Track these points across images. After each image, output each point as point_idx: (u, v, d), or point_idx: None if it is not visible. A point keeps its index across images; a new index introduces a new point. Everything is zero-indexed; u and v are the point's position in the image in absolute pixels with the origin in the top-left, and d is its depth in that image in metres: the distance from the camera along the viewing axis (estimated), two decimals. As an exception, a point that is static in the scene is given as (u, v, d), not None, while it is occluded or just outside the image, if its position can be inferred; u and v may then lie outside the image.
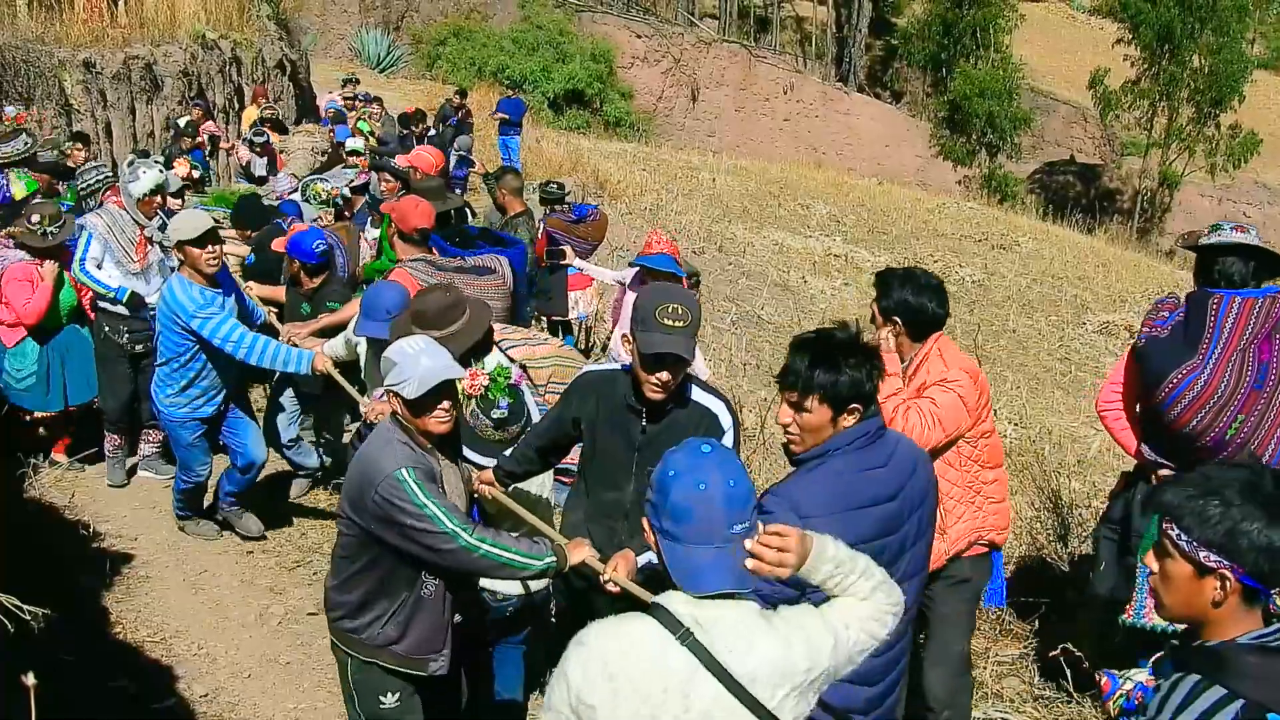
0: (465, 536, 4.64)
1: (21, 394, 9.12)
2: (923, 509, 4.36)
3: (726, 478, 3.18)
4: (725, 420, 5.13)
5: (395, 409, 4.87)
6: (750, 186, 31.30)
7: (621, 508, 5.26)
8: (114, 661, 6.78)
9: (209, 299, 7.73)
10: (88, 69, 17.40)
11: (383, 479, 4.65)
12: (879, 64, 61.80)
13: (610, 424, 5.21)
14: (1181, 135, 49.95)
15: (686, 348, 4.85)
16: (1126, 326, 22.02)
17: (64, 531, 8.28)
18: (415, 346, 4.85)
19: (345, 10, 46.48)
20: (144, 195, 8.94)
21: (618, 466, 5.24)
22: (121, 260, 9.02)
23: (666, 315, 4.81)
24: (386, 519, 4.65)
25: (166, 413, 8.12)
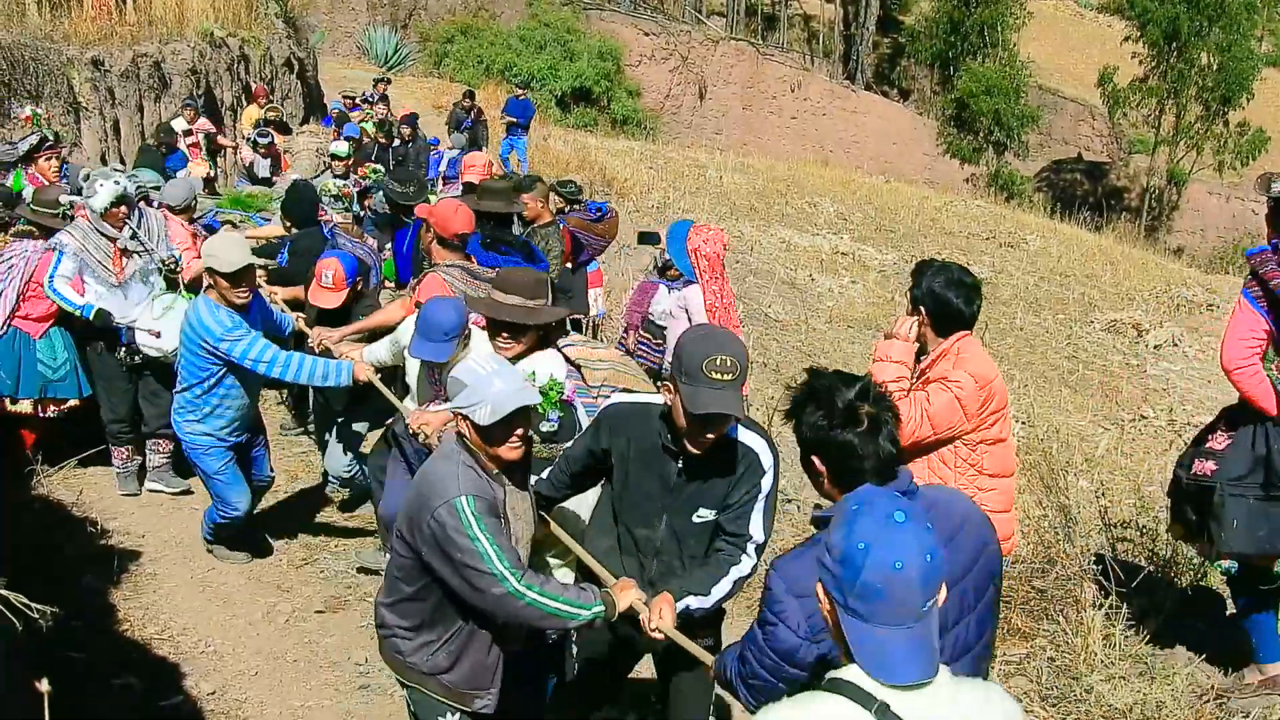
0: (513, 581, 4.40)
1: (59, 384, 8.96)
2: (967, 581, 3.75)
3: (924, 551, 2.84)
4: (766, 459, 4.81)
5: (463, 432, 4.59)
6: (757, 184, 31.29)
7: (652, 545, 5.00)
8: (121, 659, 6.79)
9: (237, 322, 7.41)
10: (96, 67, 17.41)
11: (441, 503, 4.42)
12: (886, 62, 61.77)
13: (643, 462, 4.90)
14: (1189, 133, 49.89)
15: (736, 404, 4.54)
16: (1134, 324, 22.02)
17: (71, 529, 8.28)
18: (487, 366, 4.58)
19: (353, 8, 46.53)
20: (106, 209, 8.67)
21: (650, 505, 4.94)
22: (101, 275, 8.76)
23: (715, 369, 4.45)
24: (437, 546, 4.44)
25: (190, 440, 7.75)
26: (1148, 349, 21.05)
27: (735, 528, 4.83)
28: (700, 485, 4.79)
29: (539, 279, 5.99)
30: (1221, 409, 6.57)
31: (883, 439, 3.58)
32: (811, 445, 3.69)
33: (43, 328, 8.87)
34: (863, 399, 3.62)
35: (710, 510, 4.83)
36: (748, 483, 4.78)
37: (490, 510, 4.49)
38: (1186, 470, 6.37)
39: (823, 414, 3.63)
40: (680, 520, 4.88)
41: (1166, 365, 20.07)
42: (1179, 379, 19.26)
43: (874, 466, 3.57)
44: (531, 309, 5.84)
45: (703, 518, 4.85)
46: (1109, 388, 17.92)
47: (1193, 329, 22.81)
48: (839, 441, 3.61)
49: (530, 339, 5.92)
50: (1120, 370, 19.53)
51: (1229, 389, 6.25)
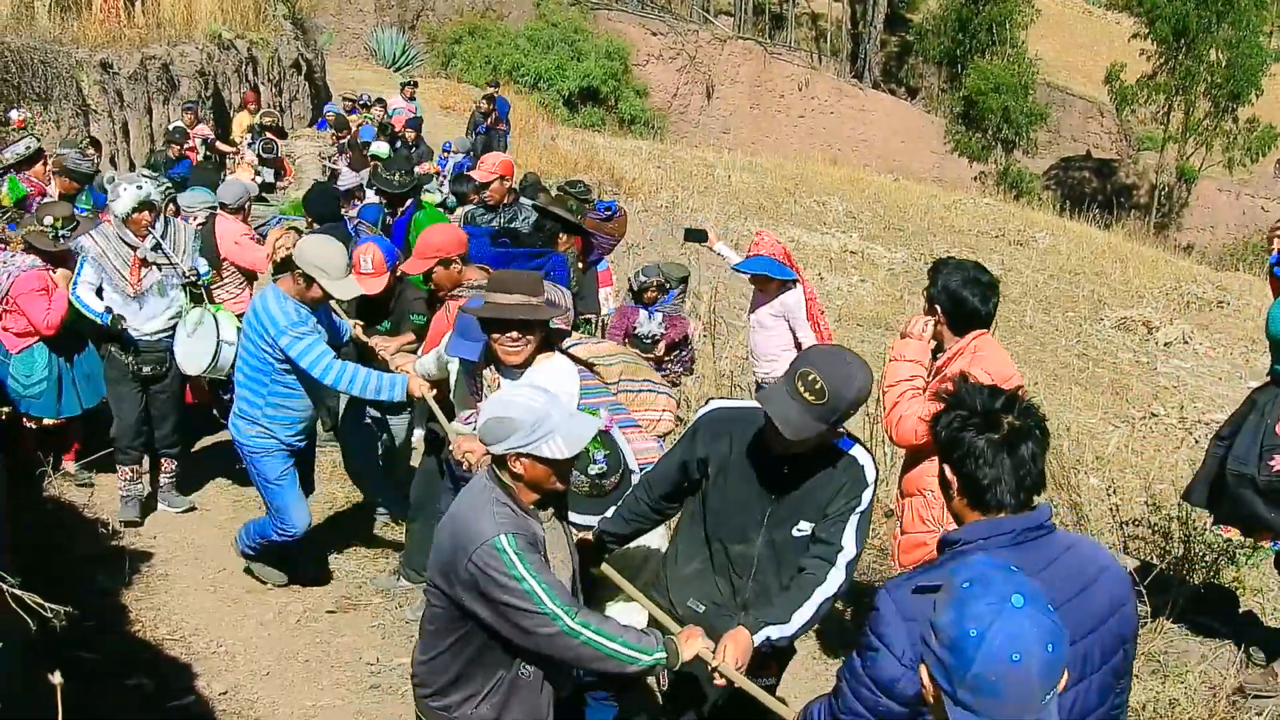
0: (567, 620, 4.10)
1: (31, 401, 8.64)
2: (1093, 640, 3.28)
3: (1045, 642, 2.54)
4: (870, 474, 4.60)
5: (518, 472, 4.24)
6: (766, 183, 31.29)
7: (749, 563, 4.73)
8: (133, 659, 6.79)
9: (304, 317, 7.10)
10: (105, 69, 17.44)
11: (479, 545, 4.13)
12: (894, 60, 61.83)
13: (744, 469, 4.64)
14: (1198, 129, 49.86)
15: (801, 423, 4.29)
16: (1144, 322, 22.01)
17: (83, 530, 8.29)
18: (539, 398, 4.26)
19: (361, 9, 46.54)
20: (128, 214, 8.20)
21: (748, 518, 4.68)
22: (118, 283, 8.32)
23: (803, 383, 4.27)
24: (480, 592, 4.13)
25: (250, 444, 7.38)
26: (1158, 346, 21.04)
27: (828, 535, 4.57)
28: (802, 496, 4.59)
29: (534, 276, 5.82)
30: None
31: (1023, 453, 3.26)
32: (943, 449, 3.40)
33: (21, 344, 8.59)
34: (1007, 409, 3.32)
35: (809, 523, 4.60)
36: (849, 494, 4.56)
37: (532, 547, 4.21)
38: (1258, 468, 6.31)
39: (960, 415, 3.35)
40: (780, 533, 4.65)
41: (1177, 363, 20.06)
42: (1189, 376, 19.24)
43: (1007, 483, 3.26)
44: (535, 305, 5.65)
45: (802, 531, 4.62)
46: (1119, 385, 17.92)
47: (1203, 326, 22.79)
48: (969, 446, 3.30)
49: (536, 339, 5.71)
50: (1130, 368, 19.52)
51: (1240, 386, 6.25)
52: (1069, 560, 3.27)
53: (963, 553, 3.23)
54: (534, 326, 5.67)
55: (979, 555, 2.83)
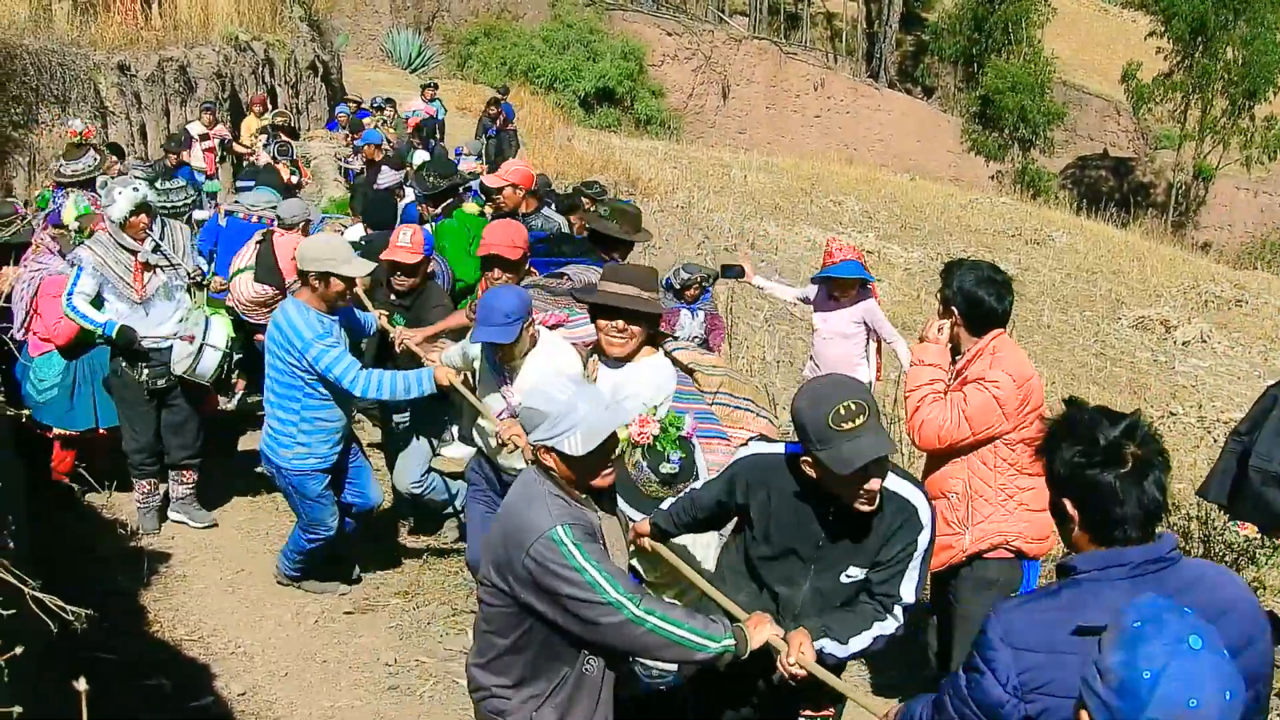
0: (632, 608, 4.01)
1: (41, 406, 8.39)
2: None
3: (1223, 688, 2.42)
4: (925, 514, 4.40)
5: (549, 465, 4.21)
6: (782, 183, 31.25)
7: (792, 607, 4.58)
8: (152, 660, 6.80)
9: (328, 328, 7.00)
10: (122, 72, 17.52)
11: (536, 539, 4.04)
12: (910, 59, 61.73)
13: (788, 517, 4.48)
14: (1215, 128, 49.69)
15: (883, 443, 4.12)
16: (1162, 321, 21.92)
17: (102, 531, 8.31)
18: (566, 390, 4.21)
19: (376, 11, 46.62)
20: (125, 218, 8.06)
21: (793, 565, 4.54)
22: (121, 291, 8.15)
23: (843, 419, 4.06)
24: (540, 586, 4.05)
25: (289, 465, 7.23)
26: (1176, 345, 20.96)
27: (885, 588, 4.43)
28: (851, 542, 4.41)
29: (650, 271, 5.79)
30: None
31: (1149, 484, 3.13)
32: (1064, 485, 3.25)
33: (43, 348, 8.43)
34: (1129, 437, 3.16)
35: (860, 569, 4.44)
36: (904, 539, 4.37)
37: (590, 537, 4.13)
38: None
39: (1081, 450, 3.18)
40: (827, 580, 4.50)
41: (1195, 362, 19.99)
42: (1208, 375, 19.18)
43: (1136, 517, 3.14)
44: (646, 298, 5.58)
45: (851, 577, 4.46)
46: (1137, 384, 17.86)
47: (1221, 325, 22.71)
48: (1098, 483, 3.15)
49: (643, 334, 5.63)
50: (1148, 367, 19.46)
51: (1259, 385, 6.25)
52: (1193, 594, 3.06)
53: (1079, 582, 3.16)
54: (641, 319, 5.60)
55: (1150, 596, 2.69)
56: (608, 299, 5.56)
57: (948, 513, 5.68)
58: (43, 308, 8.35)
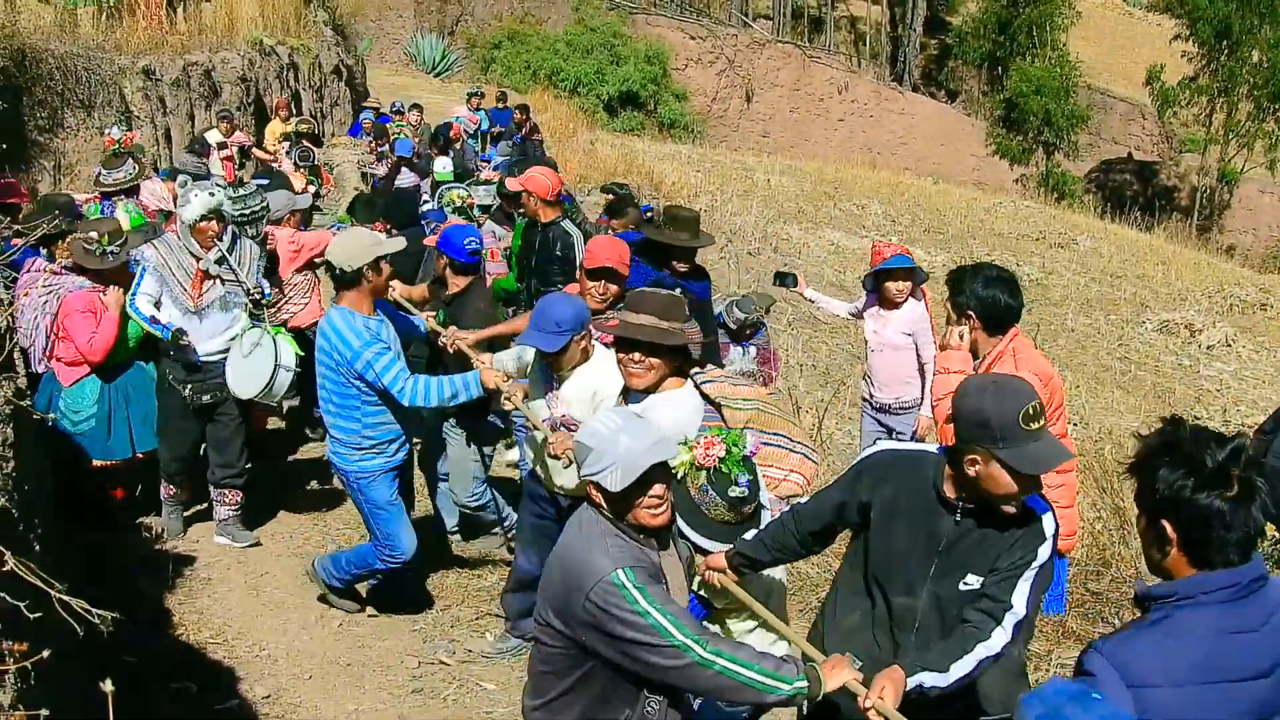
0: (699, 650, 3.89)
1: (79, 439, 7.99)
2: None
3: None
4: (1049, 525, 4.26)
5: (598, 500, 4.12)
6: (805, 187, 31.22)
7: (912, 617, 4.43)
8: (177, 663, 6.83)
9: (375, 331, 6.83)
10: (147, 76, 17.59)
11: (595, 582, 3.94)
12: (934, 63, 61.60)
13: (911, 518, 4.36)
14: (1240, 131, 49.42)
15: (1064, 446, 4.14)
16: (1187, 325, 21.84)
17: (126, 534, 8.33)
18: (611, 424, 4.11)
19: (400, 15, 46.75)
20: (195, 221, 7.83)
21: (913, 568, 4.39)
22: (178, 296, 7.94)
23: (1031, 418, 3.98)
24: (602, 630, 3.94)
25: (357, 470, 7.06)
26: (1200, 349, 20.88)
27: (995, 592, 4.25)
28: (973, 547, 4.29)
29: (674, 299, 5.54)
30: None
31: (1255, 509, 3.09)
32: (1165, 507, 3.16)
33: (74, 374, 8.00)
34: (1234, 461, 3.10)
35: (978, 577, 4.30)
36: (1024, 548, 4.23)
37: (653, 578, 4.03)
38: None
39: (1185, 473, 3.11)
40: (946, 587, 4.35)
41: (1220, 366, 19.91)
42: (1232, 380, 19.11)
43: (1240, 541, 3.10)
44: (665, 329, 5.35)
45: (969, 585, 4.30)
46: (1161, 389, 17.81)
47: (1246, 329, 22.62)
48: (1206, 507, 3.09)
49: (665, 365, 5.45)
50: (1173, 371, 19.40)
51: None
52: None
53: (1180, 606, 3.11)
54: (660, 351, 5.40)
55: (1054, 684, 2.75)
56: (626, 330, 5.40)
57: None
58: (70, 327, 7.87)
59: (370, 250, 6.84)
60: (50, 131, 14.70)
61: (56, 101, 14.97)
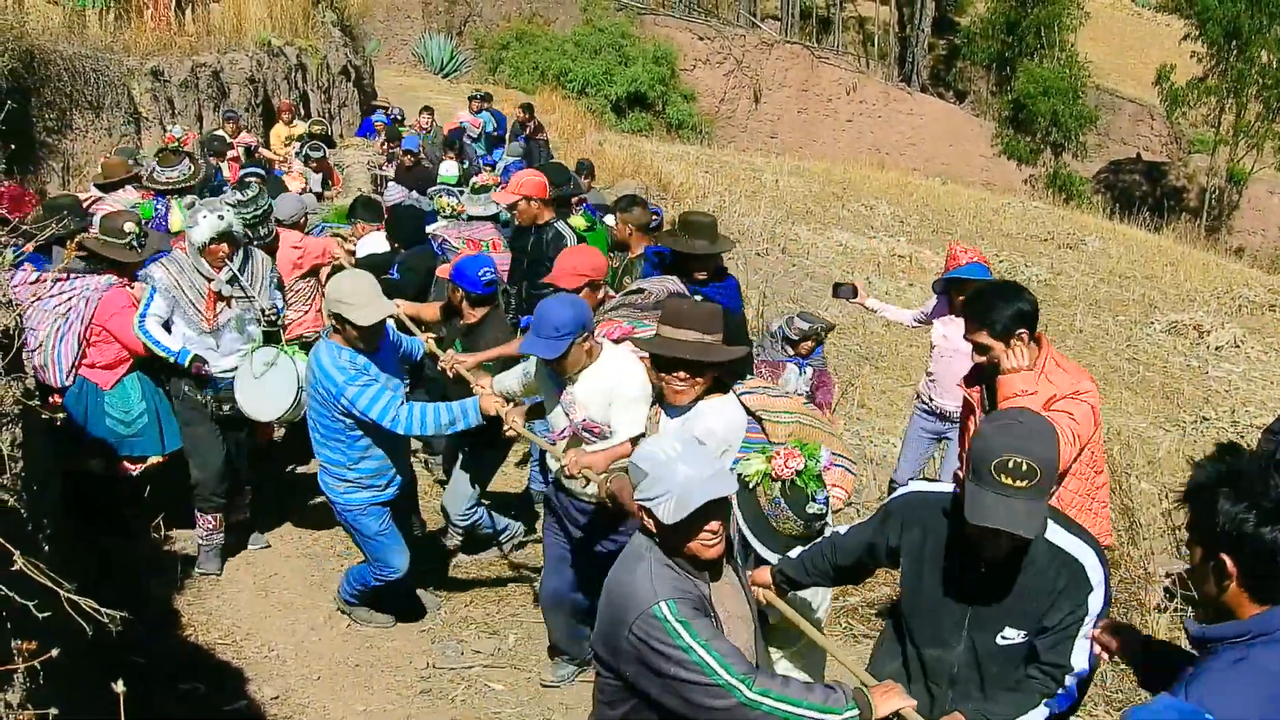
0: (745, 690, 3.69)
1: (135, 440, 7.84)
2: None
3: None
4: (1095, 573, 3.99)
5: (651, 528, 3.93)
6: (813, 187, 31.21)
7: (946, 670, 4.25)
8: (185, 664, 6.84)
9: (360, 368, 6.64)
10: (156, 77, 17.61)
11: (637, 615, 3.79)
12: (942, 63, 61.57)
13: (939, 566, 4.17)
14: (1250, 132, 49.38)
15: (1027, 519, 3.75)
16: (1195, 326, 21.82)
17: (135, 534, 8.32)
18: (670, 450, 3.89)
19: (409, 16, 46.73)
20: (205, 244, 7.53)
21: (945, 618, 4.19)
22: (191, 317, 7.67)
23: (1005, 471, 3.73)
24: (644, 664, 3.80)
25: (344, 501, 6.99)
26: (1209, 350, 20.85)
27: (1052, 656, 4.02)
28: (1009, 600, 4.05)
29: (712, 310, 5.35)
30: None
31: None
32: (1226, 541, 3.01)
33: (114, 376, 7.76)
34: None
35: (1018, 631, 4.06)
36: (1070, 600, 3.97)
37: (699, 611, 3.83)
38: None
39: (1247, 506, 2.95)
40: (983, 640, 4.12)
41: (1228, 367, 19.88)
42: (1241, 380, 19.08)
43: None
44: (709, 344, 5.19)
45: (1008, 639, 4.08)
46: (1170, 389, 17.79)
47: (1255, 330, 22.59)
48: (1271, 543, 2.93)
49: (708, 380, 5.28)
50: (1181, 372, 19.37)
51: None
52: None
53: (1255, 644, 2.97)
54: (705, 368, 5.24)
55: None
56: (666, 348, 5.21)
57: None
58: (115, 327, 7.65)
59: (336, 303, 6.62)
60: (58, 133, 14.71)
61: (65, 103, 14.98)
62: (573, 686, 6.94)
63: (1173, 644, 3.94)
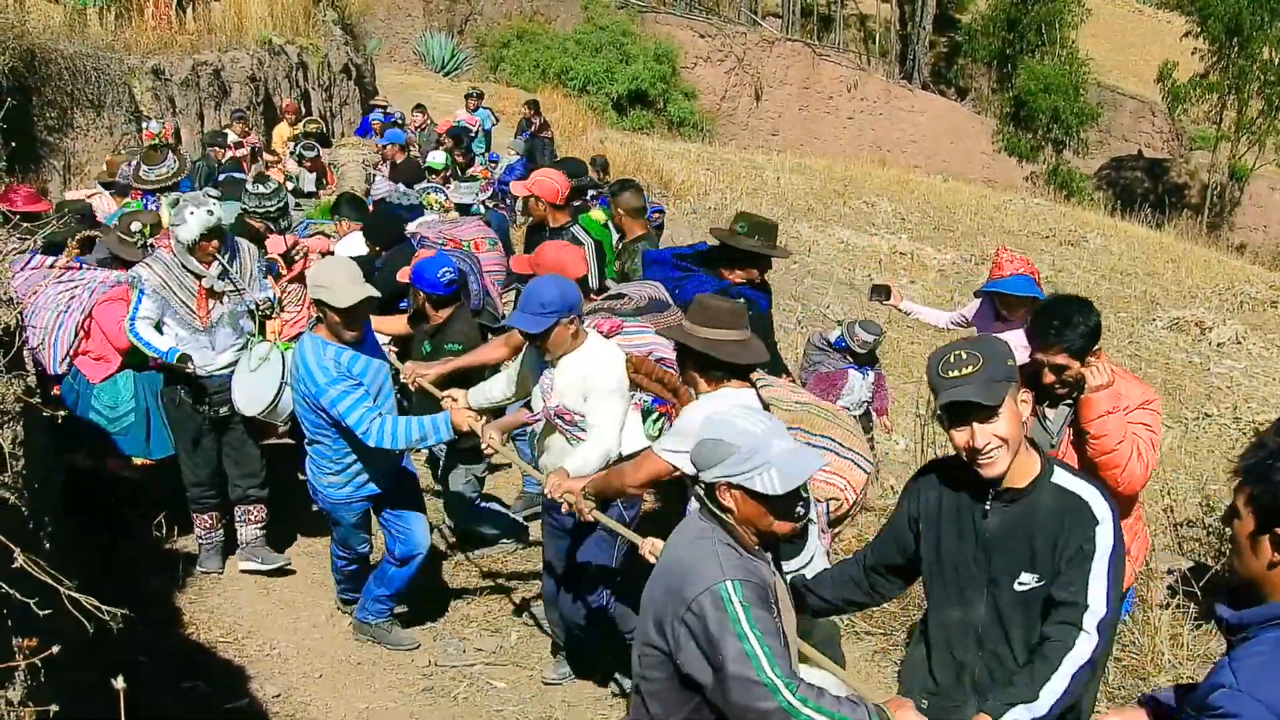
0: (787, 695, 3.52)
1: (119, 437, 7.72)
2: None
3: None
4: (1100, 508, 3.96)
5: (728, 505, 3.76)
6: (814, 185, 31.17)
7: (971, 631, 4.17)
8: (187, 662, 6.84)
9: (343, 370, 6.48)
10: (157, 76, 17.60)
11: (703, 590, 3.60)
12: (943, 60, 61.55)
13: (953, 519, 4.15)
14: (1251, 128, 49.38)
15: (983, 392, 3.82)
16: (1197, 322, 21.80)
17: (136, 532, 8.32)
18: (758, 423, 3.76)
19: (409, 14, 46.77)
20: (194, 241, 7.28)
21: (965, 575, 4.14)
22: (183, 317, 7.45)
23: (949, 366, 3.87)
24: (696, 646, 3.61)
25: (326, 494, 6.90)
26: (1211, 347, 20.83)
27: (1066, 594, 3.94)
28: (1016, 542, 4.03)
29: (737, 306, 5.19)
30: None
31: None
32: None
33: (103, 370, 7.68)
34: None
35: (1034, 575, 4.00)
36: (1078, 535, 3.92)
37: (762, 600, 3.64)
38: None
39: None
40: (1003, 592, 4.07)
41: (1230, 363, 19.87)
42: (1243, 377, 19.07)
43: None
44: (744, 343, 5.04)
45: (1025, 585, 4.02)
46: (1172, 386, 17.76)
47: (1257, 326, 22.57)
48: None
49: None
50: (1183, 368, 19.35)
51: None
52: None
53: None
54: (740, 371, 5.08)
55: None
56: (711, 348, 4.98)
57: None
58: (102, 320, 7.64)
59: (314, 288, 6.55)
60: (60, 131, 14.71)
61: (66, 101, 14.97)
62: (574, 684, 6.94)
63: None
